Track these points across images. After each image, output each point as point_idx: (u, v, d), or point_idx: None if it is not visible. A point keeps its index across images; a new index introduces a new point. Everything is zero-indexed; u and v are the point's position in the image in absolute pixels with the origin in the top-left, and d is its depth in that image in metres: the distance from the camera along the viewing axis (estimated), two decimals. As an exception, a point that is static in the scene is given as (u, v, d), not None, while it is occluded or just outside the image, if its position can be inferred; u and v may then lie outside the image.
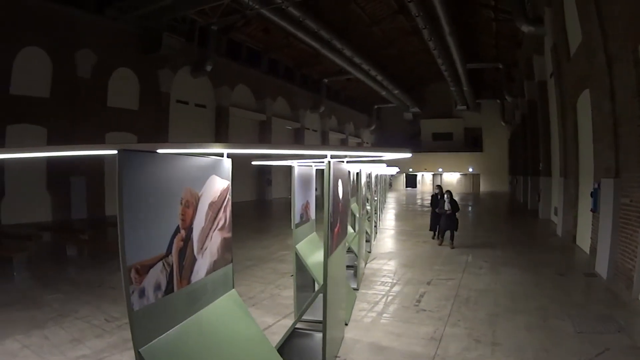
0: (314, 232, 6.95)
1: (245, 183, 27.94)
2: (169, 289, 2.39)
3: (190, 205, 2.61)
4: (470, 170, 47.92)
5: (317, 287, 6.14)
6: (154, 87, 19.94)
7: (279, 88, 30.78)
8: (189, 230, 2.60)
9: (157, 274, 2.28)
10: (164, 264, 2.34)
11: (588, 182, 10.26)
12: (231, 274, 3.25)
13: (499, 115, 40.65)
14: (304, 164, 6.28)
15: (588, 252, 9.73)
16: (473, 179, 48.58)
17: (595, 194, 8.84)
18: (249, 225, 17.00)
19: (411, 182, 51.72)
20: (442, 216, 11.40)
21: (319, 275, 5.39)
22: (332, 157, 4.01)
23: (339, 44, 24.72)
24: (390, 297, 7.16)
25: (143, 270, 2.19)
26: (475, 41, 27.50)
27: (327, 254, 3.59)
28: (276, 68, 30.81)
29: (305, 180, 6.46)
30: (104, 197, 17.64)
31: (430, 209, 12.98)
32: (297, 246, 5.90)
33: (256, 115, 28.67)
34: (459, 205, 11.64)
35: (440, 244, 11.58)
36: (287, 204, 26.44)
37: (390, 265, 9.52)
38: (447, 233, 11.44)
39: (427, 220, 13.58)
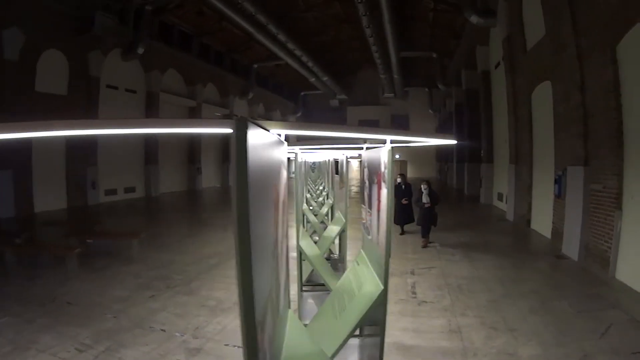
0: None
1: (176, 172, 26.92)
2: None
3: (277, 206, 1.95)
4: (397, 157, 49.39)
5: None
6: (84, 70, 18.25)
7: (209, 73, 29.69)
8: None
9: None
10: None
11: (544, 169, 10.94)
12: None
13: (427, 103, 42.14)
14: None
15: (549, 235, 10.38)
16: (400, 165, 50.13)
17: (560, 181, 9.42)
18: (193, 218, 16.36)
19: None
20: (419, 209, 10.51)
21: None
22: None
23: (275, 29, 24.25)
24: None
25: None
26: (411, 30, 28.09)
27: (389, 254, 3.19)
28: (207, 53, 29.68)
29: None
30: (32, 192, 16.02)
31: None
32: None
33: (186, 102, 27.49)
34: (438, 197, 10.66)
35: (401, 234, 11.39)
36: (221, 193, 26.47)
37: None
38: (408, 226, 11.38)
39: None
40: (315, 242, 7.20)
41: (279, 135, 2.18)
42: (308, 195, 11.11)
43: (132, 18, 20.10)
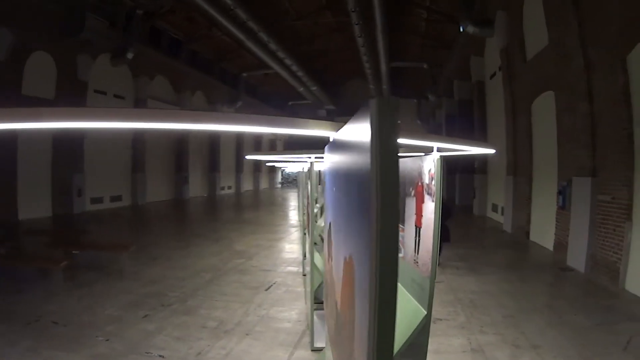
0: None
1: (163, 180, 26.33)
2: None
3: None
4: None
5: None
6: (72, 74, 17.72)
7: (197, 81, 29.25)
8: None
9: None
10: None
11: (545, 181, 10.77)
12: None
13: (415, 113, 42.13)
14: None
15: (551, 247, 10.20)
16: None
17: (564, 192, 9.23)
18: (182, 229, 15.81)
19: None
20: None
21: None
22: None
23: (266, 37, 24.02)
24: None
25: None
26: (402, 40, 28.06)
27: (434, 275, 2.83)
28: (196, 60, 29.27)
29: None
30: (16, 198, 15.38)
31: None
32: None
33: (174, 109, 26.98)
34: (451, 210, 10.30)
35: None
36: (207, 203, 25.99)
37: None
38: None
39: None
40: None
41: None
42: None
43: (122, 22, 19.65)
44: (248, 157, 11.72)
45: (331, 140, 1.87)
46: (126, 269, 8.15)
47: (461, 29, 18.09)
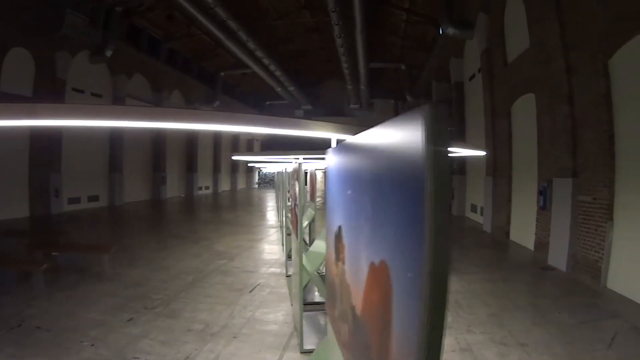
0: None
1: (141, 180, 25.94)
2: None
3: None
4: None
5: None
6: (50, 71, 17.30)
7: (175, 80, 28.83)
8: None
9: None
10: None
11: (525, 181, 10.95)
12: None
13: (392, 114, 42.38)
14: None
15: (532, 247, 10.37)
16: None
17: (544, 192, 9.39)
18: (161, 229, 15.52)
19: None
20: None
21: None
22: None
23: (245, 36, 23.90)
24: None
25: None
26: (381, 41, 28.23)
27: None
28: (174, 59, 28.91)
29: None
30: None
31: None
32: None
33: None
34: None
35: None
36: (185, 204, 25.67)
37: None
38: None
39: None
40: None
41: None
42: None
43: (102, 19, 19.30)
44: (235, 157, 11.65)
45: (343, 141, 1.84)
46: (107, 271, 7.98)
47: (441, 31, 18.32)
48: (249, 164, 32.09)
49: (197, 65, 32.16)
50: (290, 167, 9.61)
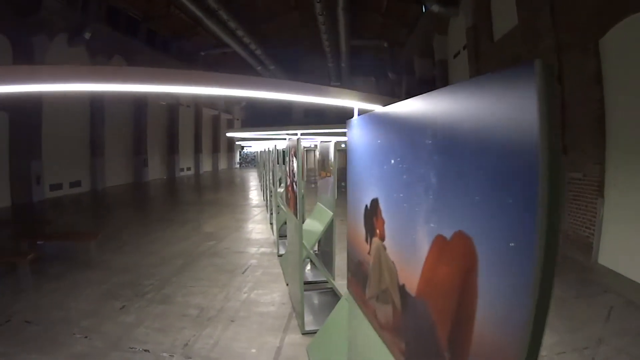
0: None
1: (122, 164, 25.34)
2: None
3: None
4: (343, 146, 49.28)
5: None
6: (28, 57, 16.58)
7: (155, 61, 28.03)
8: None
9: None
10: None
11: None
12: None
13: (373, 92, 42.02)
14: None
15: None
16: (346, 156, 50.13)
17: (534, 170, 9.42)
18: (145, 213, 15.27)
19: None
20: None
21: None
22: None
23: (225, 15, 23.40)
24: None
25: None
26: (363, 18, 27.86)
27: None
28: (153, 40, 28.14)
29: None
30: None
31: None
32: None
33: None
34: None
35: None
36: (168, 186, 25.24)
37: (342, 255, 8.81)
38: None
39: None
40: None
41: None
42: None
43: (79, 1, 18.62)
44: (229, 134, 11.27)
45: (385, 110, 1.74)
46: (95, 258, 7.76)
47: (424, 8, 18.11)
48: (238, 142, 31.67)
49: (176, 45, 31.42)
50: (282, 145, 9.49)
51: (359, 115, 2.31)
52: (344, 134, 7.92)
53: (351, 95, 1.90)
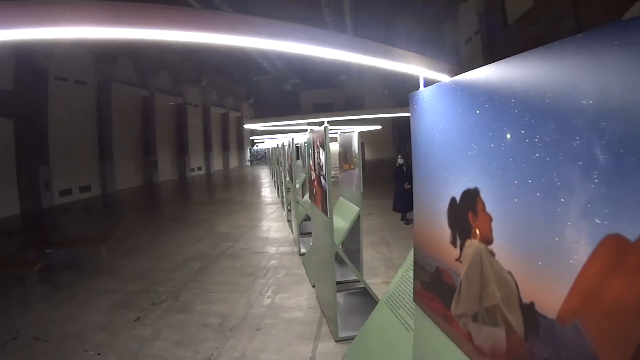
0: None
1: (132, 166, 24.96)
2: None
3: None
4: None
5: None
6: (31, 60, 16.13)
7: (161, 60, 27.60)
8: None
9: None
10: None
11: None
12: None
13: (382, 83, 41.49)
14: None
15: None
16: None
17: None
18: (158, 214, 14.93)
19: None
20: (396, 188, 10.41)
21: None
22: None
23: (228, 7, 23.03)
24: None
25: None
26: (370, 8, 27.27)
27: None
28: (159, 37, 27.77)
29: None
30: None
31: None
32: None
33: (138, 91, 25.49)
34: None
35: (406, 223, 10.11)
36: (180, 186, 24.89)
37: (369, 251, 7.78)
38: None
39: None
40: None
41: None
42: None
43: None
44: (246, 126, 10.91)
45: (487, 72, 1.33)
46: (106, 264, 7.39)
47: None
48: (252, 137, 31.24)
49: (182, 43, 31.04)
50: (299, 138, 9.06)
51: (424, 86, 1.84)
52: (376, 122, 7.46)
53: (418, 61, 1.50)
